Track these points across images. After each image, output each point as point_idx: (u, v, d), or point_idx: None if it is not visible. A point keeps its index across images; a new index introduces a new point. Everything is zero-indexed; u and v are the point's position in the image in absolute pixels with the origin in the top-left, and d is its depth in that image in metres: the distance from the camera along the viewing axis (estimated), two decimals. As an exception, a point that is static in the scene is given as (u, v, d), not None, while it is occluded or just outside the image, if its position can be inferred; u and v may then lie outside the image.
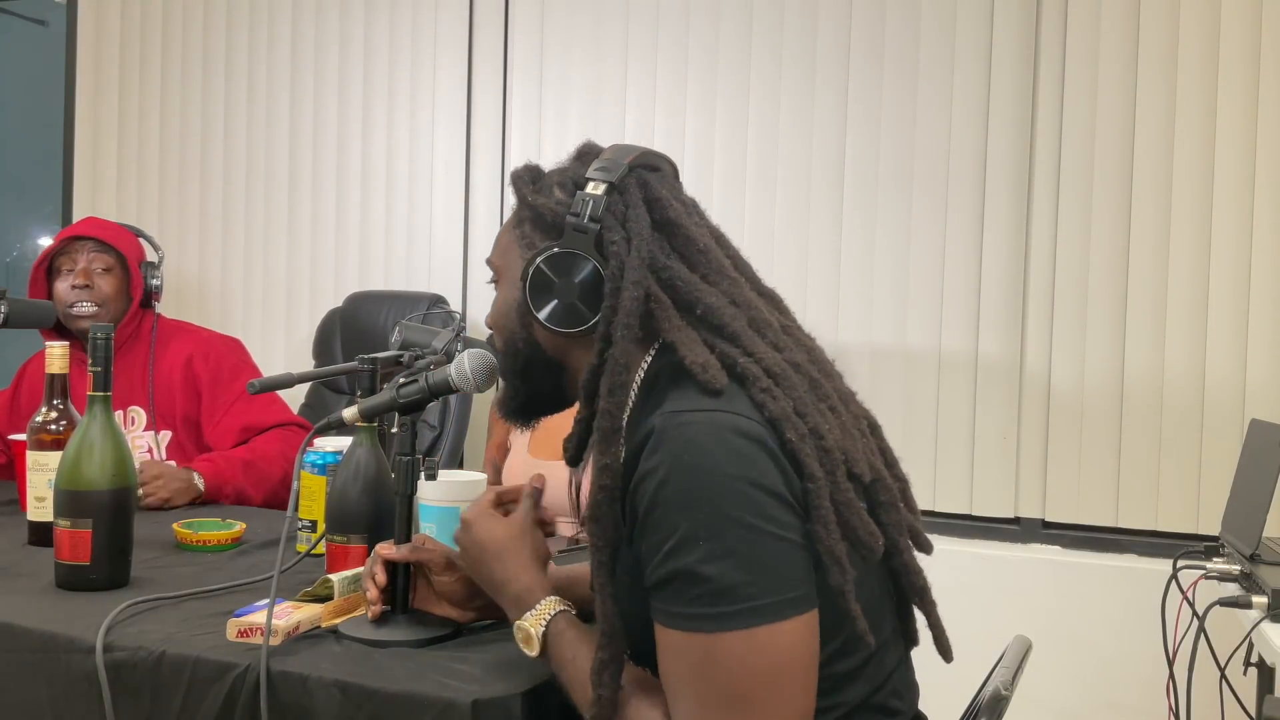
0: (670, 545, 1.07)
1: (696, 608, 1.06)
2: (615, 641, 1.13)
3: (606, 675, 1.13)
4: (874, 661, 1.20)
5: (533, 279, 1.21)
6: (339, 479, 1.56)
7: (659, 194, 1.23)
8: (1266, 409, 2.60)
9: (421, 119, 3.47)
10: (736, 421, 1.09)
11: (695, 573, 1.05)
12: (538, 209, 1.25)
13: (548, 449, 2.33)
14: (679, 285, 1.18)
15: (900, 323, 2.95)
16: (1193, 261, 2.72)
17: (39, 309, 2.33)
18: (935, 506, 2.91)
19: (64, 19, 3.91)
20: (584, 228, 1.19)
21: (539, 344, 1.27)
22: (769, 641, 1.06)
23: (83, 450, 1.55)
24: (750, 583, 1.05)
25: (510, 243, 1.30)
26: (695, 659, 1.07)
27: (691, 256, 1.22)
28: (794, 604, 1.07)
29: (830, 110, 3.01)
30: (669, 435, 1.09)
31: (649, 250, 1.18)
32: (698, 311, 1.18)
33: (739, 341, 1.17)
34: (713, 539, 1.05)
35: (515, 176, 1.31)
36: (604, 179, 1.21)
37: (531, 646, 1.22)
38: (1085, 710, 2.73)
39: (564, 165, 1.30)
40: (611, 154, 1.25)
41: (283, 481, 2.31)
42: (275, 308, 3.65)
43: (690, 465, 1.07)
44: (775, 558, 1.06)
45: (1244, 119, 2.68)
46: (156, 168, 3.78)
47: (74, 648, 1.34)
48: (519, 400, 1.33)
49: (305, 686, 1.23)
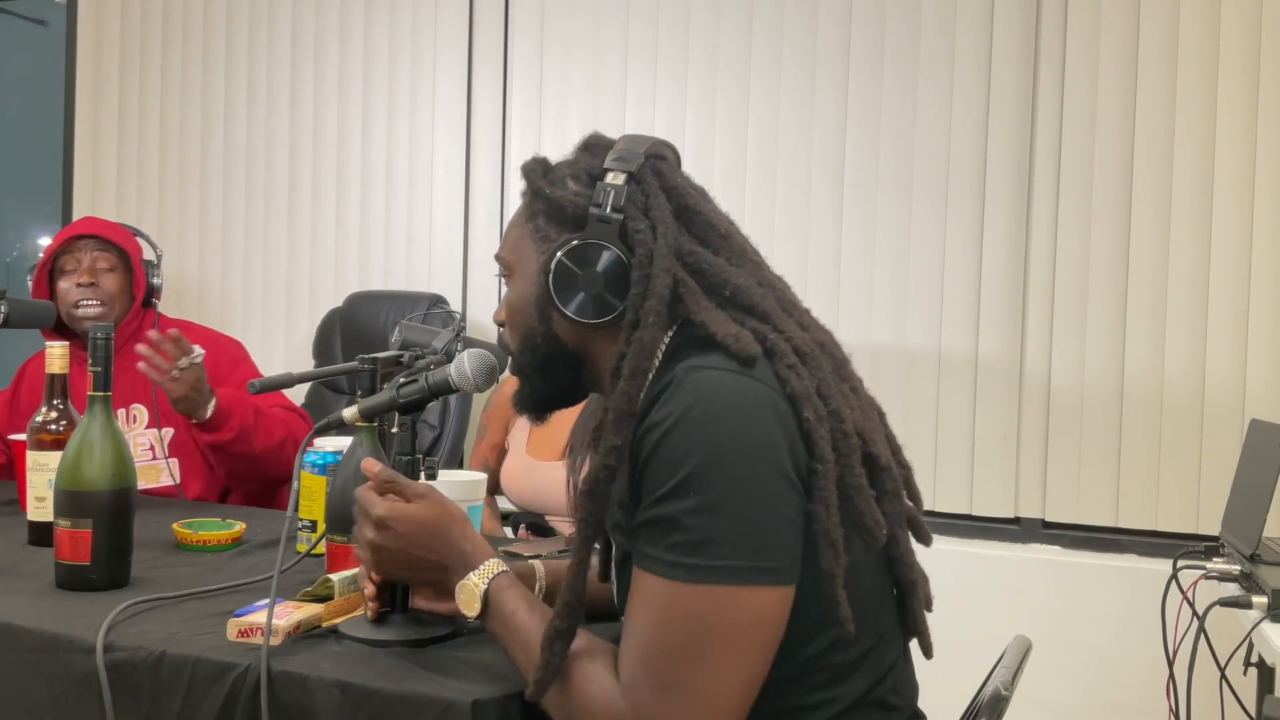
0: (663, 491, 1.08)
1: (673, 555, 1.07)
2: (574, 615, 1.13)
3: (559, 645, 1.13)
4: (873, 655, 1.20)
5: (556, 272, 1.20)
6: (339, 479, 1.56)
7: (675, 181, 1.24)
8: (1266, 409, 2.60)
9: (421, 119, 3.47)
10: (755, 388, 1.10)
11: (680, 521, 1.06)
12: (557, 201, 1.24)
13: (546, 450, 2.33)
14: (705, 269, 1.19)
15: (900, 322, 2.95)
16: (1193, 261, 2.72)
17: (39, 309, 2.33)
18: (935, 506, 2.91)
19: (64, 19, 3.91)
20: (607, 218, 1.19)
21: (558, 337, 1.26)
22: (732, 603, 1.06)
23: (83, 450, 1.55)
24: (730, 542, 1.06)
25: (523, 237, 1.28)
26: (659, 603, 1.08)
27: (714, 241, 1.23)
28: (769, 574, 1.07)
29: (830, 110, 3.01)
30: (684, 388, 1.10)
31: (674, 237, 1.19)
32: (726, 293, 1.19)
33: (769, 319, 1.18)
34: (705, 492, 1.06)
35: (528, 170, 1.29)
36: (622, 169, 1.21)
37: (473, 605, 1.21)
38: (1085, 710, 2.73)
39: (572, 158, 1.30)
40: (626, 144, 1.25)
41: (281, 445, 2.30)
42: (275, 308, 3.65)
43: (698, 419, 1.08)
44: (762, 525, 1.07)
45: (1244, 118, 2.68)
46: (156, 168, 3.78)
47: (74, 648, 1.33)
48: (537, 395, 1.33)
49: (305, 686, 1.23)
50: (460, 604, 1.23)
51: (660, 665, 1.08)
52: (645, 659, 1.09)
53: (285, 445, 2.31)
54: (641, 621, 1.10)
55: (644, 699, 1.08)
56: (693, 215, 1.23)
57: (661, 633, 1.08)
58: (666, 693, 1.07)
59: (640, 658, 1.09)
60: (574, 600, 1.13)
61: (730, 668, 1.07)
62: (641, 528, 1.10)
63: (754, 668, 1.09)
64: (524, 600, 1.21)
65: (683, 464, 1.07)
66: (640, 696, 1.08)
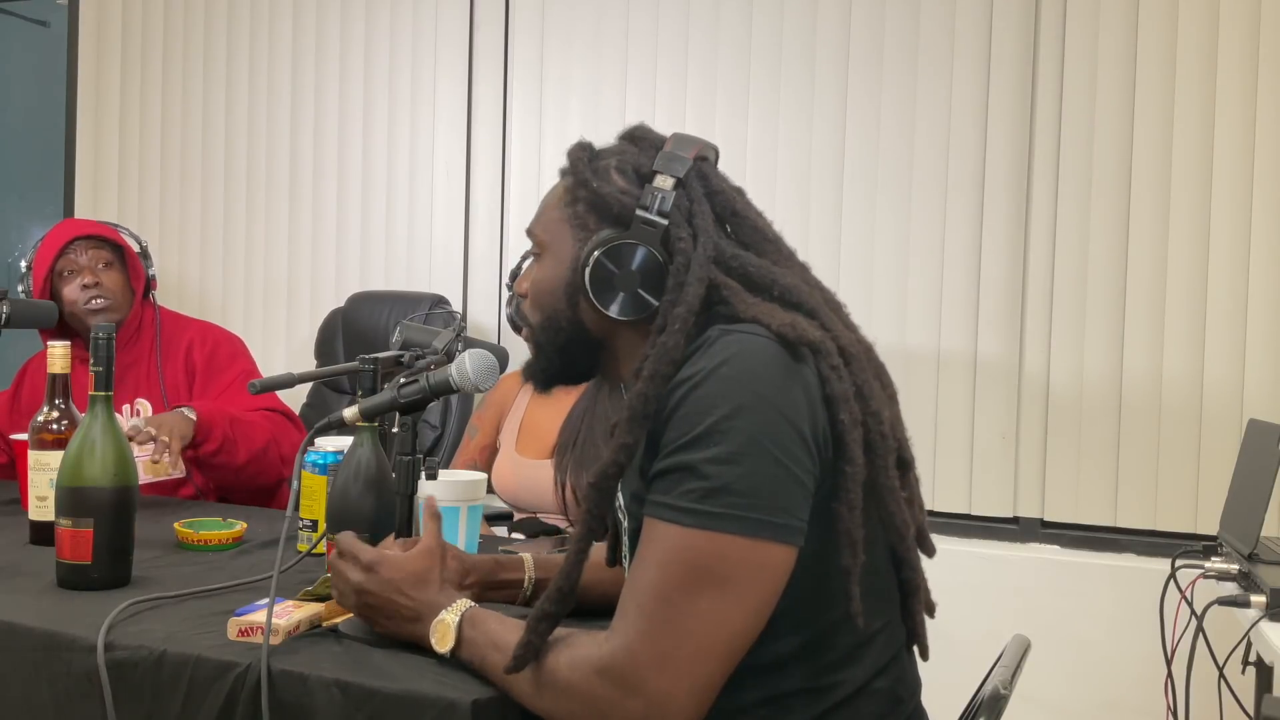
0: (686, 439, 1.09)
1: (685, 501, 1.08)
2: (564, 602, 1.14)
3: (543, 625, 1.14)
4: (879, 642, 1.21)
5: (595, 266, 1.22)
6: (340, 479, 1.56)
7: (720, 186, 1.26)
8: (1265, 408, 2.60)
9: (421, 119, 3.47)
10: (790, 360, 1.11)
11: (697, 468, 1.08)
12: (604, 196, 1.24)
13: (534, 448, 2.34)
14: (751, 271, 1.21)
15: (900, 323, 2.95)
16: (1191, 260, 2.72)
17: (40, 309, 2.34)
18: (934, 506, 2.91)
19: (65, 20, 3.91)
20: (653, 222, 1.21)
21: (584, 324, 1.27)
22: (735, 552, 1.07)
23: (84, 449, 1.56)
24: (743, 493, 1.07)
25: (560, 219, 1.29)
26: (662, 548, 1.09)
27: (760, 245, 1.26)
28: (776, 530, 1.08)
29: (830, 110, 3.01)
30: (715, 347, 1.12)
31: (714, 245, 1.21)
32: (775, 293, 1.20)
33: (817, 316, 1.20)
34: (725, 443, 1.07)
35: (574, 156, 1.29)
36: (672, 173, 1.22)
37: (447, 639, 1.22)
38: (1084, 709, 2.73)
39: (618, 147, 1.30)
40: (675, 146, 1.25)
41: (265, 449, 2.30)
42: (276, 308, 3.65)
43: (727, 375, 1.09)
44: (775, 481, 1.08)
45: (1242, 118, 2.68)
46: (158, 168, 3.79)
47: (75, 647, 1.34)
48: (551, 371, 1.33)
49: (305, 686, 1.23)
50: (435, 642, 1.24)
51: (654, 604, 1.08)
52: (638, 599, 1.09)
53: (269, 450, 2.31)
54: (643, 568, 1.11)
55: (632, 633, 1.09)
56: (740, 220, 1.26)
57: (661, 574, 1.09)
58: (656, 627, 1.08)
59: (633, 598, 1.10)
60: (566, 587, 1.14)
61: (722, 613, 1.08)
62: (657, 477, 1.11)
63: (746, 619, 1.09)
64: (497, 618, 1.22)
65: (708, 415, 1.08)
66: (629, 633, 1.09)
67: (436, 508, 1.37)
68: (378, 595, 1.28)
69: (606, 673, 1.09)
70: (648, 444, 1.15)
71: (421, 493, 1.50)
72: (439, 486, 1.63)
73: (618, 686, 1.08)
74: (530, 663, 1.14)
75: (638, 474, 1.19)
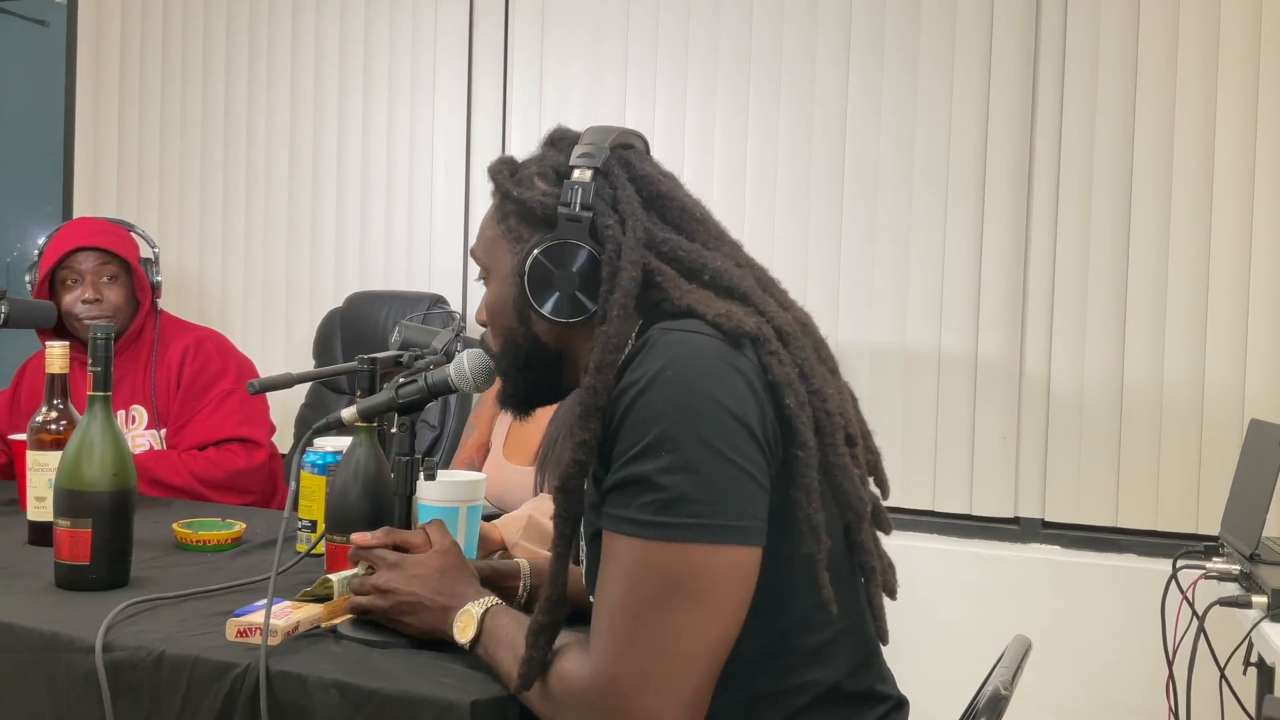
0: (635, 450, 1.08)
1: (645, 514, 1.07)
2: (557, 609, 1.14)
3: (542, 639, 1.14)
4: (846, 639, 1.20)
5: (530, 273, 1.20)
6: (338, 479, 1.56)
7: (644, 170, 1.23)
8: (1266, 409, 2.60)
9: (421, 118, 3.47)
10: (732, 354, 1.10)
11: (651, 480, 1.06)
12: (526, 203, 1.24)
13: (520, 454, 2.34)
14: (681, 255, 1.19)
15: (900, 322, 2.95)
16: (1192, 260, 2.72)
17: (39, 309, 2.33)
18: (935, 506, 2.91)
19: (64, 19, 3.90)
20: (577, 217, 1.19)
21: (538, 337, 1.26)
22: (702, 561, 1.06)
23: (83, 450, 1.55)
24: (701, 500, 1.06)
25: (496, 237, 1.28)
26: (627, 563, 1.08)
27: (689, 226, 1.23)
28: (739, 532, 1.07)
29: (830, 110, 3.01)
30: (656, 350, 1.10)
31: (644, 229, 1.19)
32: (705, 276, 1.19)
33: (750, 300, 1.18)
34: (677, 451, 1.06)
35: (494, 171, 1.29)
36: (589, 164, 1.20)
37: (469, 629, 1.24)
38: (1085, 710, 2.73)
39: (539, 154, 1.29)
40: (591, 137, 1.24)
41: (181, 490, 2.29)
42: (275, 308, 3.65)
43: (671, 380, 1.08)
44: (732, 484, 1.07)
45: (1244, 118, 2.68)
46: (157, 168, 3.78)
47: (74, 647, 1.34)
48: (520, 394, 1.33)
49: (305, 687, 1.23)
50: (456, 632, 1.25)
51: (627, 622, 1.07)
52: (612, 618, 1.09)
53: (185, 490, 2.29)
54: (610, 585, 1.10)
55: (609, 656, 1.08)
56: (665, 202, 1.23)
57: (630, 590, 1.08)
58: (631, 647, 1.07)
59: (607, 618, 1.09)
60: (555, 595, 1.14)
61: (698, 624, 1.07)
62: (611, 491, 1.10)
63: (722, 627, 1.08)
64: (516, 619, 1.22)
65: (655, 424, 1.07)
66: (606, 655, 1.08)
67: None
68: (404, 590, 1.30)
69: (589, 700, 1.09)
70: (599, 455, 1.14)
71: (420, 493, 1.50)
72: (437, 487, 1.63)
73: (604, 714, 1.08)
74: (537, 679, 1.14)
75: (591, 481, 1.18)
